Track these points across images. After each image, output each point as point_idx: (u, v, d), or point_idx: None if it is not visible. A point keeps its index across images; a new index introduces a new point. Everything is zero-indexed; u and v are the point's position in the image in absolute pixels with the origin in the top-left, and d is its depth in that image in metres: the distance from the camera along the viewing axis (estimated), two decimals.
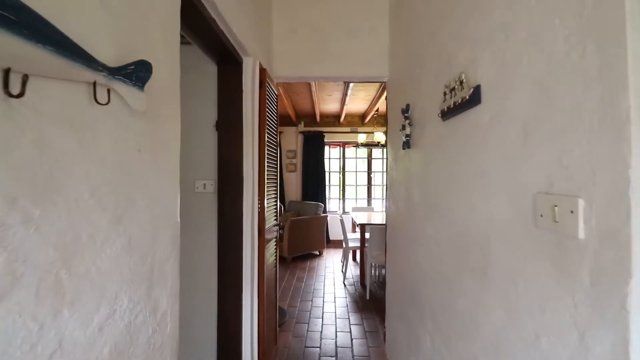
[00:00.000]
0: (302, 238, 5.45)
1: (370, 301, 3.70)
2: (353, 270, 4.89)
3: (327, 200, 6.60)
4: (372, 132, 5.72)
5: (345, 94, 4.67)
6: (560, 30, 0.71)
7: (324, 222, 5.78)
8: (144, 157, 0.81)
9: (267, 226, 2.26)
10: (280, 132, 6.64)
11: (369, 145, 5.25)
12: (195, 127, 1.96)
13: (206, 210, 1.96)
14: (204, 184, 1.97)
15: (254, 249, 2.02)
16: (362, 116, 6.59)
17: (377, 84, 4.42)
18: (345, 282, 4.36)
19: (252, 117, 2.05)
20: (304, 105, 5.72)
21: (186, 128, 1.38)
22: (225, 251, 1.96)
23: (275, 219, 2.63)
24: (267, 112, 2.28)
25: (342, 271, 4.78)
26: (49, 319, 0.53)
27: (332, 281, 4.41)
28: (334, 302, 3.69)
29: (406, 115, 1.99)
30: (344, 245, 4.65)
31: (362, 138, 5.34)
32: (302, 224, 5.43)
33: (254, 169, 2.05)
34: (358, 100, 5.32)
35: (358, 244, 4.45)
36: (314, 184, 6.50)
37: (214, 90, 1.95)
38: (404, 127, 2.02)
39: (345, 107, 5.42)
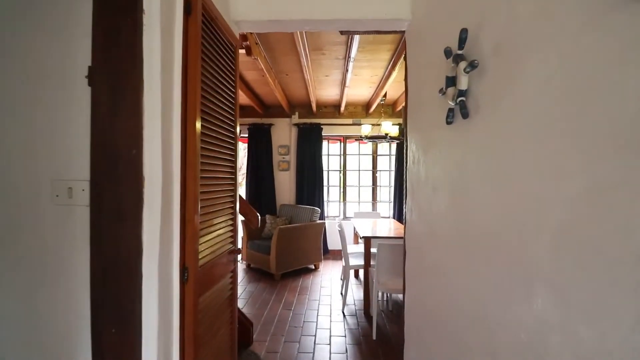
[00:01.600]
0: (294, 250, 4.52)
1: (378, 343, 2.76)
2: (355, 292, 3.96)
3: (325, 204, 5.66)
4: (379, 124, 4.78)
5: (345, 72, 3.73)
6: None
7: (320, 230, 4.85)
8: None
9: (206, 260, 1.34)
10: (271, 125, 5.71)
11: (375, 138, 4.33)
12: (49, 80, 1.03)
13: (73, 237, 1.04)
14: (70, 187, 1.04)
15: (168, 312, 1.10)
16: (366, 105, 5.65)
17: (385, 61, 3.48)
18: (345, 311, 3.42)
19: (169, 67, 1.13)
20: (297, 90, 4.78)
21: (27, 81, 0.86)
22: (103, 325, 1.02)
23: (232, 242, 1.70)
24: (207, 62, 1.36)
25: (342, 293, 3.85)
26: None
27: (328, 308, 3.48)
28: (329, 344, 2.75)
29: (459, 54, 1.05)
30: (343, 263, 3.71)
31: (366, 129, 4.42)
32: (294, 233, 4.50)
33: (169, 163, 1.13)
34: (361, 84, 4.38)
35: (361, 262, 3.51)
36: (310, 184, 5.57)
37: (87, 11, 1.02)
38: (451, 82, 1.09)
39: (345, 92, 4.48)
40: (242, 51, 2.70)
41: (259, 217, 2.61)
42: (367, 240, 3.29)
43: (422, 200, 1.55)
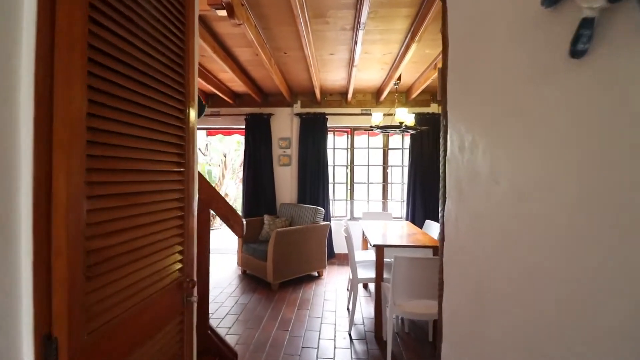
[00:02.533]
0: (294, 256, 3.97)
1: None
2: (364, 308, 3.39)
3: (330, 203, 5.09)
4: (391, 114, 4.18)
5: (354, 47, 3.13)
6: None
7: (324, 232, 4.28)
8: None
9: (120, 311, 0.77)
10: (271, 115, 5.15)
11: (387, 128, 3.73)
12: None
13: None
14: None
15: None
16: (377, 93, 5.05)
17: (401, 33, 2.88)
18: (353, 333, 2.86)
19: None
20: (298, 74, 4.21)
21: None
22: None
23: (181, 269, 1.14)
24: None
25: (348, 309, 3.30)
26: None
27: (332, 329, 2.93)
28: None
29: None
30: (350, 276, 3.14)
31: (377, 118, 3.83)
32: (294, 236, 3.95)
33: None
34: (372, 64, 3.78)
35: (371, 274, 2.94)
36: (313, 181, 5.00)
37: None
38: None
39: (353, 74, 3.88)
40: (223, 12, 2.14)
41: (244, 224, 2.05)
42: (380, 249, 2.71)
43: (479, 205, 0.98)
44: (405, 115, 3.65)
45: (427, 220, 3.84)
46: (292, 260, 3.93)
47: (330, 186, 5.23)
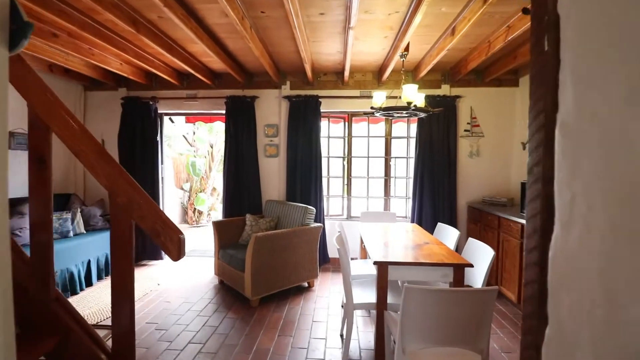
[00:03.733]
0: (279, 265, 3.30)
1: None
2: (362, 333, 2.73)
3: (324, 200, 4.41)
4: (395, 97, 3.45)
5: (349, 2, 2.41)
6: None
7: (316, 236, 3.61)
8: None
9: None
10: (255, 98, 4.43)
11: (392, 110, 3.02)
12: None
13: None
14: None
15: None
16: (379, 72, 4.32)
17: None
18: None
19: None
20: (283, 46, 3.48)
21: None
22: None
23: None
24: None
25: (342, 335, 2.64)
26: None
27: None
28: None
29: None
30: (344, 300, 2.47)
31: (379, 99, 3.12)
32: (278, 242, 3.27)
33: None
34: (373, 32, 3.05)
35: (371, 297, 2.28)
36: (305, 175, 4.31)
37: None
38: None
39: (350, 45, 3.15)
40: None
41: (182, 241, 1.37)
42: (382, 268, 2.03)
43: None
44: (415, 94, 2.94)
45: (439, 224, 3.16)
46: (275, 270, 3.26)
47: (324, 181, 4.54)
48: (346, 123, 4.70)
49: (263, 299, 3.25)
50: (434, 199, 4.19)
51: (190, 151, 7.74)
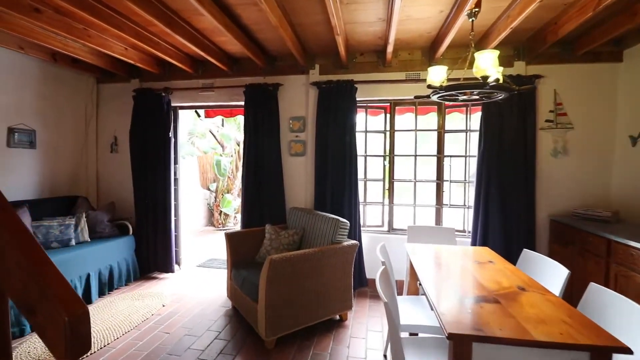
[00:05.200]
0: (302, 295, 2.56)
1: None
2: None
3: (360, 209, 3.60)
4: (456, 79, 2.53)
5: None
6: None
7: (349, 257, 2.82)
8: None
9: None
10: (278, 86, 3.72)
11: (460, 90, 2.13)
12: None
13: None
14: None
15: None
16: (431, 47, 3.43)
17: None
18: None
19: None
20: (310, 16, 2.72)
21: None
22: None
23: None
24: None
25: None
26: None
27: None
28: None
29: None
30: (388, 350, 1.67)
31: (437, 75, 2.26)
32: (299, 266, 2.53)
33: None
34: None
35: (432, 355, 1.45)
36: (337, 178, 3.54)
37: None
38: None
39: (397, 6, 2.32)
40: None
41: (76, 323, 0.66)
42: (463, 345, 1.20)
43: None
44: (493, 65, 2.04)
45: (525, 251, 2.25)
46: (297, 302, 2.53)
47: (361, 185, 3.74)
48: (387, 114, 3.85)
49: (281, 339, 2.53)
50: (504, 210, 3.22)
51: (216, 149, 7.27)
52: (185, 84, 4.04)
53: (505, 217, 3.21)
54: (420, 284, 1.86)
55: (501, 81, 2.16)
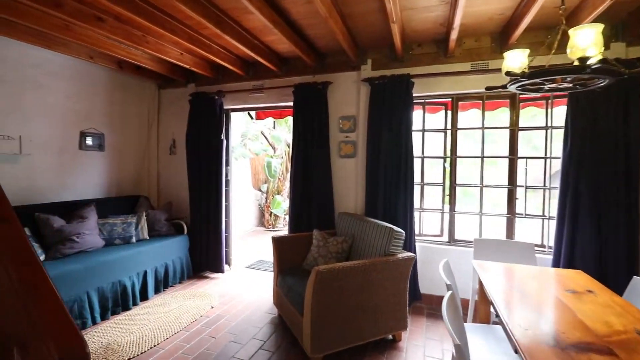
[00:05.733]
0: (351, 311, 2.34)
1: None
2: None
3: (415, 216, 3.26)
4: (540, 66, 2.10)
5: None
6: None
7: (405, 271, 2.52)
8: None
9: None
10: (327, 84, 3.54)
11: (552, 76, 1.73)
12: None
13: None
14: None
15: None
16: (503, 31, 2.98)
17: None
18: None
19: None
20: (362, 6, 2.49)
21: None
22: None
23: None
24: None
25: None
26: None
27: None
28: None
29: None
30: None
31: (514, 62, 1.88)
32: (349, 279, 2.30)
33: None
34: None
35: None
36: (390, 181, 3.25)
37: None
38: None
39: None
40: None
41: (83, 354, 0.54)
42: None
43: None
44: (594, 44, 1.62)
45: (635, 278, 1.76)
46: (345, 318, 2.31)
47: (417, 189, 3.39)
48: (448, 111, 3.45)
49: (328, 357, 2.33)
50: (598, 224, 2.65)
51: (267, 150, 7.36)
52: (237, 86, 4.06)
53: (599, 232, 2.64)
54: (496, 315, 1.52)
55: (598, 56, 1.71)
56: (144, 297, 3.35)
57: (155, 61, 3.74)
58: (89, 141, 3.78)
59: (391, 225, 2.56)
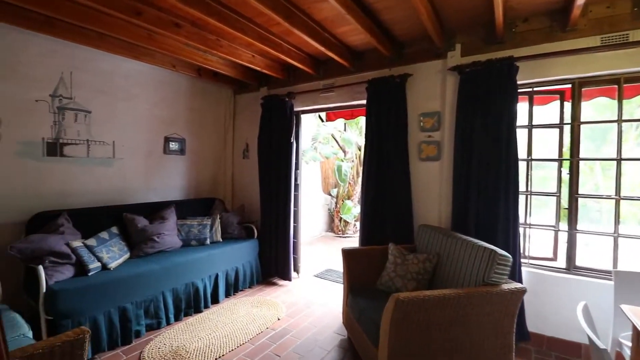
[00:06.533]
0: (438, 349, 1.88)
1: None
2: None
3: (521, 232, 2.61)
4: None
5: None
6: None
7: (513, 307, 1.96)
8: None
9: None
10: (406, 77, 3.11)
11: None
12: None
13: None
14: None
15: None
16: None
17: None
18: None
19: None
20: None
21: None
22: None
23: None
24: None
25: None
26: None
27: None
28: None
29: None
30: None
31: None
32: (437, 311, 1.85)
33: None
34: None
35: None
36: (487, 189, 2.67)
37: None
38: None
39: None
40: None
41: None
42: None
43: None
44: None
45: None
46: (431, 357, 1.86)
47: (522, 199, 2.72)
48: (564, 102, 2.72)
49: None
50: None
51: (337, 154, 7.12)
52: (307, 86, 3.89)
53: None
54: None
55: None
56: (215, 300, 3.36)
57: (230, 66, 3.79)
58: (172, 146, 4.00)
59: (492, 247, 2.02)
